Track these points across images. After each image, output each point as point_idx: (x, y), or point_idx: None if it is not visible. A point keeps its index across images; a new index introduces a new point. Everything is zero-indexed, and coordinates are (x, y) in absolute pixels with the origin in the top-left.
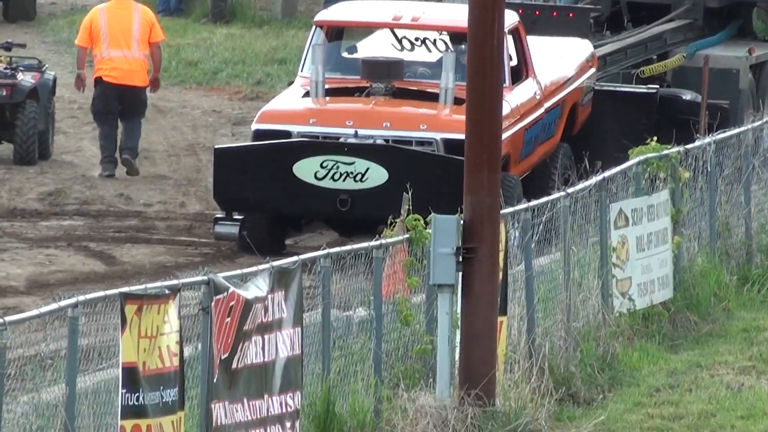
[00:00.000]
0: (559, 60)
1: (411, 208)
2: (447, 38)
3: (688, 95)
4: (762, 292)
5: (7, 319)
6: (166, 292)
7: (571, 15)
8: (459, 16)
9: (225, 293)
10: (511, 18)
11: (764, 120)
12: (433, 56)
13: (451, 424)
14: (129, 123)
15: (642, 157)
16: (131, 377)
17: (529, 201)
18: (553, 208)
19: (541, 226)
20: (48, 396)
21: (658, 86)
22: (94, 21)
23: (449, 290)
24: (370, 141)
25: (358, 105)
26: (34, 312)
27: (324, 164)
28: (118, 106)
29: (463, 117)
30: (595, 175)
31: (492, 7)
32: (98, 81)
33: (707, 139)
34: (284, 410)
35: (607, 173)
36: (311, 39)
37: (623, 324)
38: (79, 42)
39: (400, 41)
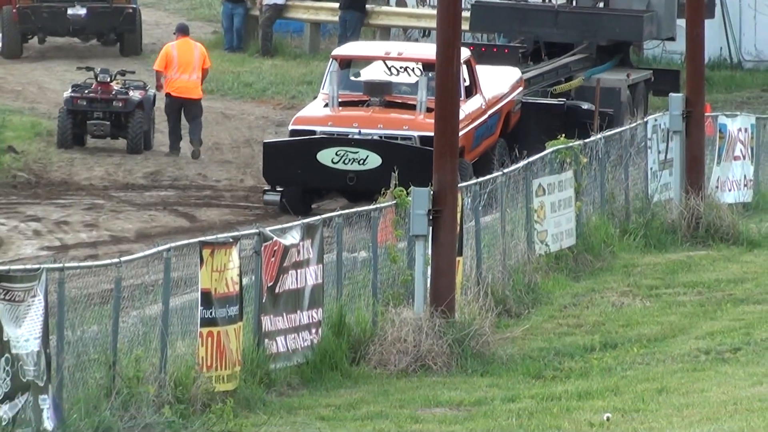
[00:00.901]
0: (498, 81)
1: (397, 183)
2: (422, 67)
3: (585, 105)
4: (636, 240)
5: (122, 259)
6: (230, 240)
7: (506, 51)
8: (430, 51)
9: (270, 241)
10: (465, 53)
11: (638, 122)
12: (412, 79)
13: (424, 330)
14: (192, 122)
15: (554, 148)
16: (206, 298)
17: (477, 178)
18: (494, 183)
19: (485, 195)
20: (150, 311)
21: (565, 99)
22: (168, 53)
23: (423, 239)
24: (370, 137)
25: (361, 112)
26: (141, 254)
27: (338, 153)
28: (180, 111)
29: (432, 121)
30: (522, 160)
31: (452, 45)
32: (168, 95)
33: (599, 136)
34: (311, 321)
35: (531, 159)
36: (329, 67)
37: (542, 262)
38: (158, 67)
39: (389, 69)
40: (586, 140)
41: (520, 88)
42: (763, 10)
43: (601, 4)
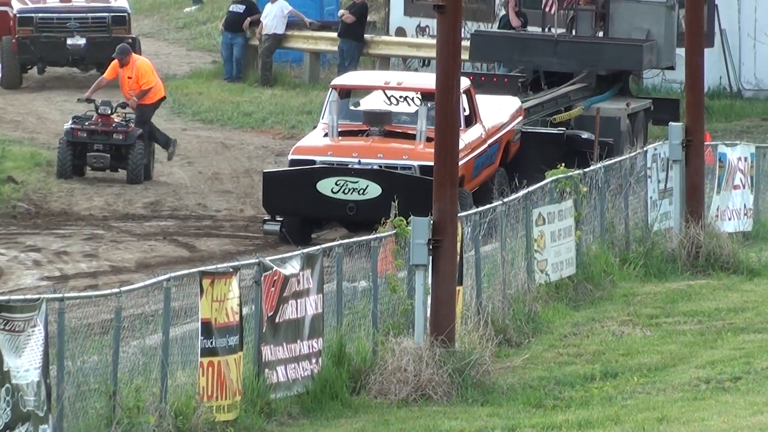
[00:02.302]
0: (497, 111)
1: (397, 212)
2: (421, 96)
3: (585, 135)
4: (636, 269)
5: (123, 289)
6: (231, 270)
7: (506, 80)
8: (429, 81)
9: (271, 271)
10: (464, 82)
11: (637, 152)
12: (412, 108)
13: (425, 359)
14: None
15: (554, 177)
16: (207, 328)
17: (477, 208)
18: (494, 213)
19: (485, 225)
20: (150, 341)
21: (565, 129)
22: (151, 64)
23: (423, 269)
24: (369, 167)
25: (360, 142)
26: (141, 284)
27: (338, 183)
28: None
29: (432, 150)
30: (522, 189)
31: (452, 74)
32: (160, 100)
33: (598, 165)
34: (311, 350)
35: (530, 188)
36: (329, 97)
37: (542, 291)
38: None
39: (389, 98)
40: (586, 169)
41: (520, 118)
42: (762, 39)
43: (601, 34)
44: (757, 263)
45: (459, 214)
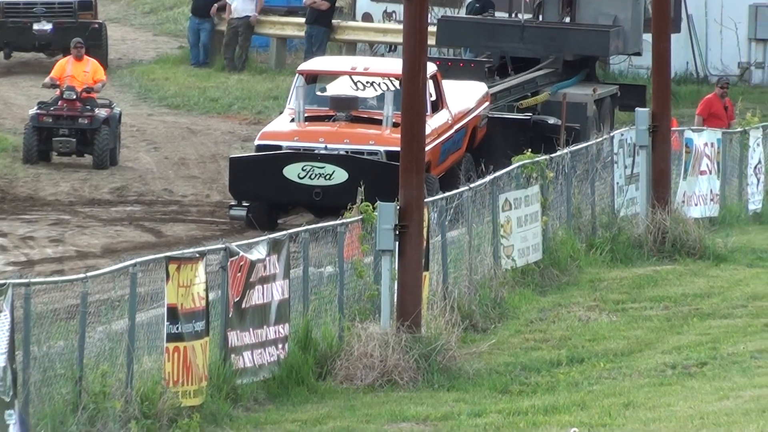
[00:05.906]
0: (464, 96)
1: (363, 198)
2: (388, 81)
3: (552, 120)
4: (602, 254)
5: (89, 274)
6: (197, 255)
7: (472, 65)
8: (396, 66)
9: (237, 256)
10: (431, 67)
11: (604, 137)
12: (378, 94)
13: (391, 345)
14: None
15: (520, 163)
16: (173, 314)
17: (443, 193)
18: (460, 198)
19: (452, 210)
20: (116, 327)
21: (531, 114)
22: None
23: (390, 254)
24: (336, 152)
25: (327, 127)
26: (107, 269)
27: (304, 168)
28: None
29: (398, 135)
30: (488, 175)
31: (418, 60)
32: None
33: (565, 150)
34: (277, 336)
35: (497, 174)
36: (295, 82)
37: (508, 276)
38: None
39: (356, 83)
40: (553, 155)
41: (487, 103)
42: (728, 25)
43: (568, 19)
44: (724, 249)
45: (425, 200)
